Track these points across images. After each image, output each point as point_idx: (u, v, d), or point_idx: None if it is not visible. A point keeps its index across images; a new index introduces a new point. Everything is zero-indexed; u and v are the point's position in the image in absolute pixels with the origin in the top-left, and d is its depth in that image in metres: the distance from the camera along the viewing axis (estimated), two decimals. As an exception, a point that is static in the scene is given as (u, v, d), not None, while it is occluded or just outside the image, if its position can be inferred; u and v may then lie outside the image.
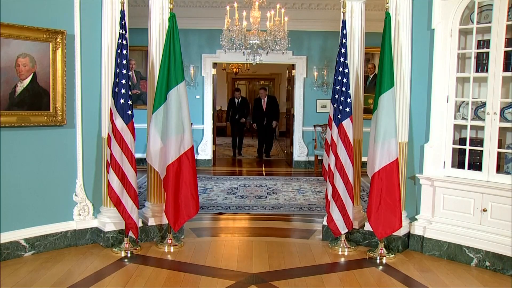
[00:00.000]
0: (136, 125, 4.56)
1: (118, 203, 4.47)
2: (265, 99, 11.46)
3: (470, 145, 4.50)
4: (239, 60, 9.02)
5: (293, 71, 10.13)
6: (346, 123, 4.59)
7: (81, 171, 4.72)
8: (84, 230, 4.77)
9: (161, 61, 4.58)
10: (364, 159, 4.93)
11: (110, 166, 4.45)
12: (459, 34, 4.50)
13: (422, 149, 4.70)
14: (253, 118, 11.70)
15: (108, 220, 4.74)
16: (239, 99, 11.82)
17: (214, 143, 10.29)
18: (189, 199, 4.63)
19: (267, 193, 7.53)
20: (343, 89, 4.58)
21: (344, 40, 4.63)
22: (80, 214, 4.74)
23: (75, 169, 4.71)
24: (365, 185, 7.62)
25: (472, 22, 4.45)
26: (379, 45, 4.51)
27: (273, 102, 11.57)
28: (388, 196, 4.43)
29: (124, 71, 4.41)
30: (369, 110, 5.03)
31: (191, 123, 5.15)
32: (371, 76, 9.72)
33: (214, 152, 10.37)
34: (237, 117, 11.76)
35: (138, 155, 4.69)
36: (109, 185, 4.46)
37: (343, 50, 4.62)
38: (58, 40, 4.43)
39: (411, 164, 4.78)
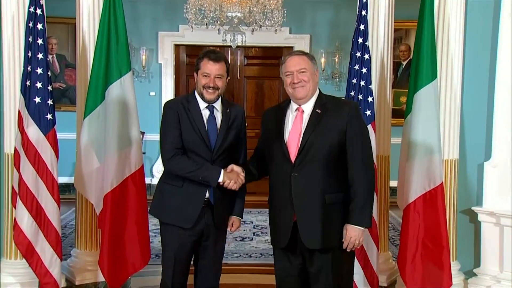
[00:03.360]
0: (59, 135, 4.53)
1: (29, 253, 4.39)
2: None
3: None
4: (213, 41, 8.91)
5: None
6: (366, 132, 4.57)
7: (-31, 205, 4.64)
8: (-29, 299, 4.65)
9: (97, 41, 4.56)
10: (393, 183, 4.90)
11: (18, 197, 4.38)
12: (543, -3, 4.49)
13: (481, 170, 4.69)
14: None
15: (12, 280, 4.64)
16: (215, 107, 3.68)
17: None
18: (135, 243, 4.61)
19: (254, 233, 7.50)
20: (362, 83, 4.59)
21: (363, 12, 4.62)
22: (-36, 273, 4.63)
23: (-40, 203, 4.61)
24: (396, 222, 7.58)
25: None
26: (416, 17, 4.50)
27: None
28: (430, 239, 4.39)
29: (40, 56, 4.37)
30: (401, 113, 5.00)
31: (142, 133, 5.07)
32: (404, 63, 9.71)
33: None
34: (207, 196, 3.64)
35: (62, 180, 4.60)
36: (15, 225, 4.38)
37: (362, 27, 4.61)
38: None
39: (464, 192, 4.76)
